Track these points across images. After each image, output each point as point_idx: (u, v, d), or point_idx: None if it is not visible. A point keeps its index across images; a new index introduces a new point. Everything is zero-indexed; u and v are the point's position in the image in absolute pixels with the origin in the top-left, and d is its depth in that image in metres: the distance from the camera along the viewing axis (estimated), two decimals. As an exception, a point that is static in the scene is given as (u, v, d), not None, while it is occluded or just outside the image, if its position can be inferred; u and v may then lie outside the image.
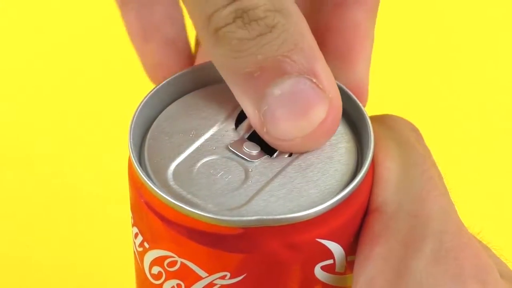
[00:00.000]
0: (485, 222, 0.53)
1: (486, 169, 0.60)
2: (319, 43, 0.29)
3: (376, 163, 0.31)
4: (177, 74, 0.33)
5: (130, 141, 0.30)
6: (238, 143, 0.31)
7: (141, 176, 0.30)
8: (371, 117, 0.32)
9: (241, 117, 0.32)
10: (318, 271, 0.30)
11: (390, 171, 0.31)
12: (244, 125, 0.31)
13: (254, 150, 0.31)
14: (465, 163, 0.61)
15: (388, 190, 0.31)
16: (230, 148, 0.31)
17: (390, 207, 0.30)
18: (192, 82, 0.33)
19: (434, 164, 0.32)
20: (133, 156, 0.30)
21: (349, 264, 0.31)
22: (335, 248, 0.30)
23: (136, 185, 0.30)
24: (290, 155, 0.31)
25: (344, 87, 0.32)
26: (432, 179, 0.31)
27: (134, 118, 0.31)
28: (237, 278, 0.30)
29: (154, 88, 0.32)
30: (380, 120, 0.33)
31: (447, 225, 0.30)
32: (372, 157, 0.31)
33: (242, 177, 0.30)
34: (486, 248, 0.32)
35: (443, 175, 0.32)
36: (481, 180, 0.60)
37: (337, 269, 0.31)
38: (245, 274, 0.30)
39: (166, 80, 0.32)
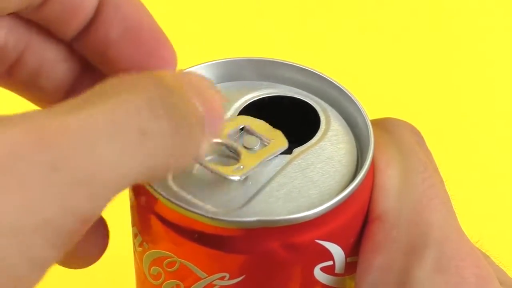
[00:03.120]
0: (484, 227, 0.53)
1: (487, 173, 0.60)
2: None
3: (377, 170, 0.31)
4: None
5: None
6: (238, 142, 0.31)
7: None
8: (372, 121, 0.32)
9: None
10: (317, 272, 0.30)
11: (391, 179, 0.31)
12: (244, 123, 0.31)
13: (255, 147, 0.31)
14: (465, 166, 0.60)
15: (389, 199, 0.31)
16: (230, 147, 0.31)
17: (391, 215, 0.30)
18: None
19: (436, 170, 0.32)
20: None
21: (349, 265, 0.31)
22: (335, 249, 0.30)
23: (135, 186, 0.30)
24: (290, 152, 0.31)
25: (344, 88, 0.32)
26: (433, 187, 0.31)
27: None
28: (237, 279, 0.30)
29: None
30: (381, 124, 0.32)
31: (448, 233, 0.30)
32: (372, 158, 0.31)
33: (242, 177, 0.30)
34: (485, 256, 0.32)
35: (444, 178, 0.32)
36: (481, 184, 0.60)
37: (336, 270, 0.31)
38: (244, 275, 0.29)
39: None
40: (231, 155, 0.30)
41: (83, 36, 0.30)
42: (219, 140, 0.30)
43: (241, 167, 0.30)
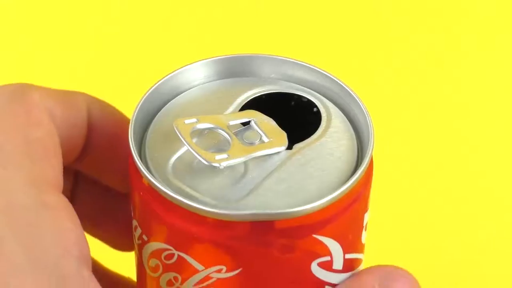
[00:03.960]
0: (485, 222, 0.53)
1: (488, 170, 0.59)
2: None
3: None
4: (178, 71, 0.33)
5: (130, 136, 0.31)
6: (239, 137, 0.31)
7: (141, 169, 0.30)
8: (373, 268, 0.32)
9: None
10: (314, 268, 0.30)
11: None
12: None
13: (254, 142, 0.31)
14: (467, 163, 0.59)
15: None
16: (222, 135, 0.31)
17: None
18: (193, 78, 0.33)
19: None
20: (134, 150, 0.30)
21: (347, 262, 0.31)
22: (333, 245, 0.30)
23: (135, 179, 0.31)
24: (290, 148, 0.31)
25: (345, 85, 0.33)
26: None
27: (135, 113, 0.31)
28: (233, 272, 0.30)
29: (155, 84, 0.32)
30: (380, 273, 0.32)
31: None
32: (371, 155, 0.31)
33: (241, 171, 0.30)
34: None
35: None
36: (483, 180, 0.59)
37: (334, 267, 0.31)
38: (241, 268, 0.30)
39: (166, 77, 0.33)
40: (222, 144, 0.31)
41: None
42: (211, 125, 0.31)
43: (226, 156, 0.30)
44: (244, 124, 0.32)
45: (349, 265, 0.32)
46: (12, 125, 0.31)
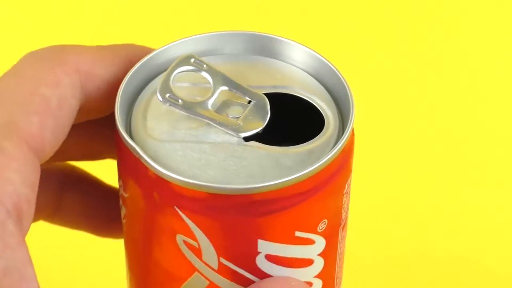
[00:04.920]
0: (486, 222, 0.53)
1: (487, 173, 0.58)
2: None
3: None
4: (157, 51, 0.34)
5: (117, 104, 0.32)
6: (223, 109, 0.32)
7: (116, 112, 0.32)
8: None
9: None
10: (180, 243, 0.31)
11: None
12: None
13: (237, 115, 0.32)
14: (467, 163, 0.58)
15: None
16: (214, 112, 0.32)
17: None
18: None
19: None
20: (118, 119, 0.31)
21: (224, 267, 0.31)
22: (199, 234, 0.30)
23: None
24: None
25: (326, 59, 0.33)
26: None
27: (122, 86, 0.32)
28: (126, 194, 0.32)
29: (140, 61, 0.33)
30: None
31: None
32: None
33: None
34: None
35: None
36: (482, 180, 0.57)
37: (204, 259, 0.31)
38: (128, 194, 0.32)
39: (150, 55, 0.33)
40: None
41: None
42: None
43: (177, 100, 0.31)
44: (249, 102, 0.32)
45: (228, 273, 0.31)
46: (25, 79, 0.31)
